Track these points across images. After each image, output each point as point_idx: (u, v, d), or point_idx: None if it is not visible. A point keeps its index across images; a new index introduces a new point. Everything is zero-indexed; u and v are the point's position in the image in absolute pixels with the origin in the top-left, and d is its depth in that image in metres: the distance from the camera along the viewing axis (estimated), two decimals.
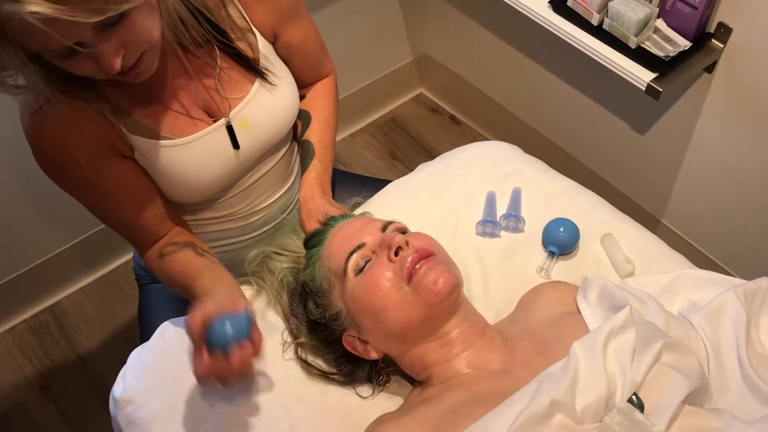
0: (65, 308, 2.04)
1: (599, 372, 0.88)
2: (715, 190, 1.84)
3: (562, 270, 1.22)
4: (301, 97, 1.32)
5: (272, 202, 1.33)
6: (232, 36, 1.15)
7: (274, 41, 1.23)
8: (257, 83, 1.18)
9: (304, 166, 1.31)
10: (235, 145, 1.18)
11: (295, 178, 1.36)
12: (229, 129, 1.17)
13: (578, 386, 0.87)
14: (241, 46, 1.16)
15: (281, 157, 1.30)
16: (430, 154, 2.41)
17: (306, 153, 1.31)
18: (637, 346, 0.91)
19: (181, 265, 1.16)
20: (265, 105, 1.20)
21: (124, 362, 1.18)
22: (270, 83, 1.19)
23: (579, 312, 1.05)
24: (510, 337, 1.04)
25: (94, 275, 2.09)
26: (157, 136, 1.12)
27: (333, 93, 1.37)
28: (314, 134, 1.32)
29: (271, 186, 1.31)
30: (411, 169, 2.32)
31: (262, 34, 1.19)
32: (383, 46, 2.37)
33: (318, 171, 1.29)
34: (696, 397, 0.93)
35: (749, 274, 1.87)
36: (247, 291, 1.20)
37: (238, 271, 1.24)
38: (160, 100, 1.12)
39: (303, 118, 1.33)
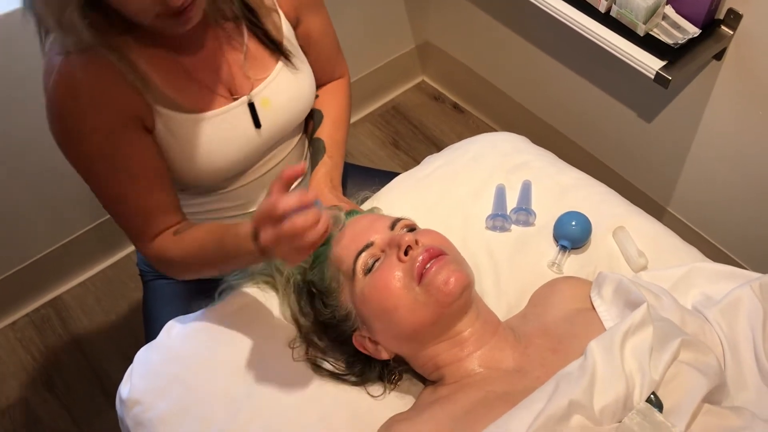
0: (67, 302, 2.02)
1: (617, 371, 0.86)
2: (723, 179, 1.83)
3: (574, 264, 1.20)
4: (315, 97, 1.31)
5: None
6: (260, 14, 1.14)
7: (295, 26, 1.22)
8: (280, 64, 1.17)
9: (314, 164, 1.29)
10: (257, 123, 1.17)
11: (305, 176, 1.34)
12: (251, 107, 1.15)
13: (596, 386, 0.85)
14: (268, 25, 1.15)
15: (293, 147, 1.29)
16: (433, 143, 2.38)
17: (317, 150, 1.30)
18: (655, 344, 0.90)
19: (207, 227, 1.09)
20: (287, 87, 1.19)
21: (127, 356, 1.17)
22: (293, 65, 1.19)
23: (593, 308, 1.04)
24: (523, 335, 1.02)
25: (96, 268, 2.07)
26: (179, 108, 1.10)
27: (346, 94, 1.36)
28: (325, 132, 1.30)
29: None
30: (414, 159, 2.31)
31: (285, 16, 1.19)
32: (384, 33, 2.34)
33: (328, 167, 1.27)
34: (714, 394, 0.92)
35: (756, 263, 1.87)
36: (255, 291, 1.18)
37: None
38: (185, 71, 1.10)
39: (315, 116, 1.32)
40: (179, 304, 1.34)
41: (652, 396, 0.87)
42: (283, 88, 1.19)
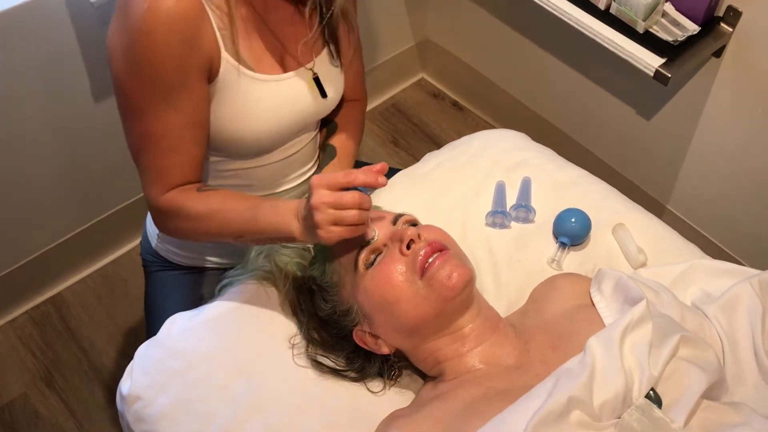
0: (67, 299, 2.02)
1: (616, 368, 0.86)
2: (722, 176, 1.83)
3: (573, 261, 1.21)
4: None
5: (292, 188, 1.33)
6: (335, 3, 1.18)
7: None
8: (325, 51, 1.22)
9: (323, 166, 1.32)
10: (323, 93, 1.21)
11: (314, 173, 1.37)
12: (317, 80, 1.20)
13: (595, 382, 0.85)
14: (336, 13, 1.19)
15: (311, 140, 1.32)
16: (433, 141, 2.38)
17: (328, 154, 1.32)
18: (654, 341, 0.90)
19: (239, 193, 1.14)
20: (330, 71, 1.23)
21: (127, 353, 1.17)
22: (337, 54, 1.23)
23: (593, 305, 1.04)
24: (523, 331, 1.03)
25: (96, 266, 2.07)
26: (246, 65, 1.11)
27: (361, 116, 1.40)
28: (338, 140, 1.34)
29: (298, 168, 1.32)
30: (414, 156, 2.31)
31: None
32: (384, 30, 2.34)
33: (336, 168, 1.29)
34: (713, 390, 0.92)
35: (755, 260, 1.87)
36: (255, 288, 1.18)
37: (240, 259, 1.24)
38: (261, 31, 1.13)
39: (330, 126, 1.36)
40: (182, 296, 1.35)
41: (651, 392, 0.87)
42: (327, 72, 1.22)
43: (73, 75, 1.67)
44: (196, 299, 1.31)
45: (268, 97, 1.15)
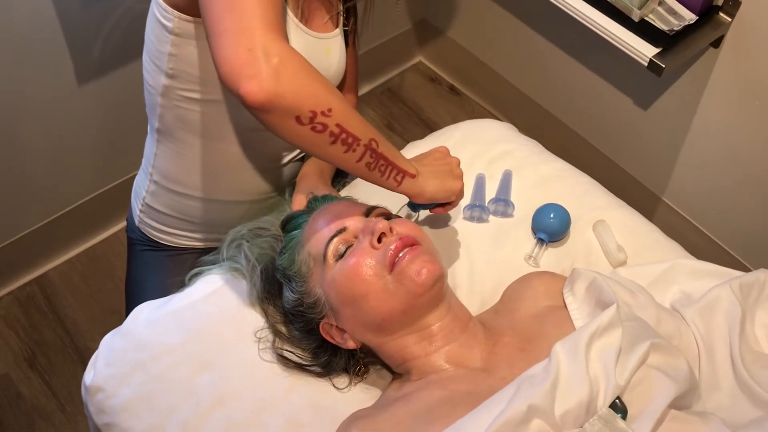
0: (52, 280, 2.01)
1: (581, 375, 0.83)
2: (718, 168, 1.79)
3: (551, 257, 1.17)
4: None
5: (285, 163, 1.30)
6: None
7: None
8: (337, 31, 1.22)
9: (306, 158, 1.31)
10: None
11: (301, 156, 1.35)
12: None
13: (558, 390, 0.83)
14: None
15: None
16: (428, 125, 2.34)
17: None
18: (624, 347, 0.87)
19: None
20: (341, 48, 1.23)
21: None
22: (351, 39, 1.27)
23: (565, 306, 1.01)
24: (493, 332, 1.00)
25: (82, 246, 2.05)
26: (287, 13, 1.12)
27: None
28: None
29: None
30: (408, 141, 2.27)
31: None
32: (381, 11, 2.29)
33: (317, 163, 1.28)
34: (683, 399, 0.89)
35: (749, 254, 1.84)
36: (225, 278, 1.15)
37: (217, 231, 1.25)
38: None
39: None
40: (160, 278, 1.32)
41: (617, 401, 0.84)
42: (339, 48, 1.22)
43: (56, 57, 1.64)
44: (175, 283, 1.29)
45: (296, 43, 1.12)
